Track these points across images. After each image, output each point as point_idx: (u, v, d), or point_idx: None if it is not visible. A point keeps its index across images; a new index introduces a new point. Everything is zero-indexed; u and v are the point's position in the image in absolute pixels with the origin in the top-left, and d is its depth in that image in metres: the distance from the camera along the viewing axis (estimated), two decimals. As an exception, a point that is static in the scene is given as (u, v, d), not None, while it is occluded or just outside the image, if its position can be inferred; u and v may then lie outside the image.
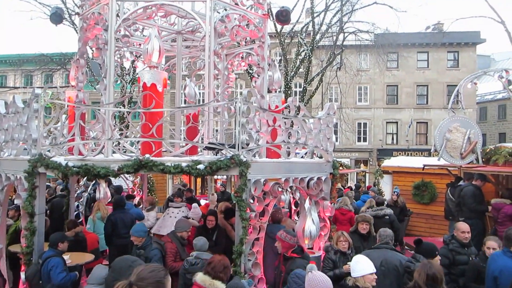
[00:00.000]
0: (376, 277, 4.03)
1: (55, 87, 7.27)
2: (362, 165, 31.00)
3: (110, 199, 8.72)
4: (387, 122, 31.50)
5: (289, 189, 7.36)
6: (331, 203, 6.32)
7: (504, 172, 7.57)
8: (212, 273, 3.69)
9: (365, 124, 31.44)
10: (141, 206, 8.97)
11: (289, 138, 5.75)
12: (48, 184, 11.22)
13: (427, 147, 29.81)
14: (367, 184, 24.94)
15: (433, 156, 26.19)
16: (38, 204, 5.16)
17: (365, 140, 31.47)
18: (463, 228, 5.41)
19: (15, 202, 7.06)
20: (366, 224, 6.27)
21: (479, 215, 7.45)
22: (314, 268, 3.64)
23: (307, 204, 5.77)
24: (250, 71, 16.55)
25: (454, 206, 8.38)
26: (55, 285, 4.92)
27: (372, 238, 6.20)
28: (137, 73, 18.23)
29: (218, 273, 3.69)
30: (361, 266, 4.05)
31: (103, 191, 8.48)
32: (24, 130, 5.46)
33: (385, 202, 9.14)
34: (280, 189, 5.45)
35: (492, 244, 4.89)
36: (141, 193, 9.21)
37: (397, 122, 31.34)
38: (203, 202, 9.94)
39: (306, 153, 6.25)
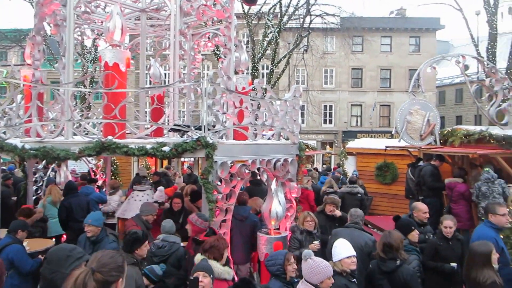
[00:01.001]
0: (355, 260, 3.93)
1: (9, 65, 6.85)
2: (328, 147, 31.64)
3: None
4: (351, 105, 32.19)
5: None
6: (297, 184, 6.39)
7: (459, 153, 7.94)
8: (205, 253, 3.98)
9: (330, 106, 31.98)
10: (104, 189, 8.74)
11: (256, 120, 5.74)
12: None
13: (389, 129, 30.76)
14: (332, 166, 25.55)
15: (395, 138, 27.13)
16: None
17: (330, 122, 32.06)
18: (423, 208, 5.59)
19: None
20: (334, 206, 6.39)
21: (437, 193, 7.81)
22: (311, 254, 3.52)
23: (273, 186, 5.81)
24: (217, 52, 16.31)
25: (414, 186, 8.73)
26: (23, 273, 4.78)
27: (338, 219, 6.38)
28: (98, 52, 17.53)
29: (205, 252, 3.97)
30: (338, 250, 3.98)
31: (64, 175, 8.18)
32: (-24, 111, 5.16)
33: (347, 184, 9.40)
34: (247, 171, 5.46)
35: (448, 223, 5.07)
36: (104, 176, 8.97)
37: (361, 105, 32.08)
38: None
39: (272, 135, 6.27)
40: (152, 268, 4.34)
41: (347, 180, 10.45)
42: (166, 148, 4.80)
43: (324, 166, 17.37)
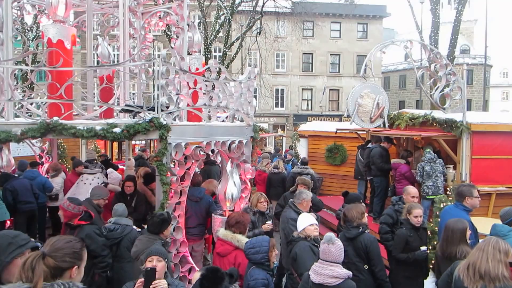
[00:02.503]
0: (317, 227, 4.42)
1: None
2: (279, 129, 32.12)
3: (14, 167, 7.94)
4: (302, 89, 32.77)
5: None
6: (252, 166, 6.45)
7: (405, 135, 8.37)
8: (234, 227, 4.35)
9: (282, 90, 32.35)
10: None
11: (210, 101, 5.68)
12: None
13: (338, 113, 31.76)
14: (284, 148, 25.98)
15: (344, 121, 28.00)
16: None
17: (282, 106, 32.49)
18: (413, 192, 5.50)
19: None
20: (305, 187, 6.48)
21: (384, 173, 8.20)
22: (333, 236, 3.49)
23: (228, 167, 5.83)
24: (168, 33, 15.84)
25: (362, 167, 9.12)
26: None
27: None
28: (41, 29, 16.35)
29: (238, 227, 4.35)
30: (301, 221, 4.46)
31: (6, 158, 7.66)
32: None
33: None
34: (202, 153, 5.42)
35: (418, 212, 4.83)
36: (51, 159, 8.50)
37: (312, 89, 32.75)
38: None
39: (227, 117, 6.25)
40: None
41: (299, 161, 10.81)
42: (117, 130, 4.62)
43: (275, 148, 17.70)
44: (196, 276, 3.35)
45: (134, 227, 4.91)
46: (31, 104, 5.87)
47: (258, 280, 3.64)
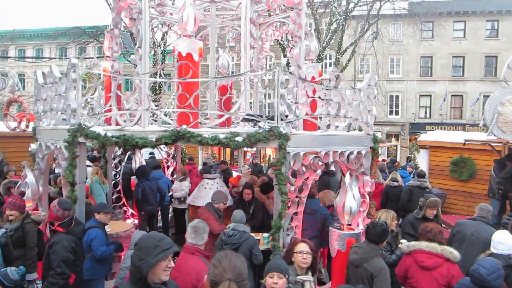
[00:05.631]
0: None
1: (92, 58, 7.19)
2: (393, 139, 30.27)
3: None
4: (420, 95, 30.41)
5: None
6: (371, 178, 6.09)
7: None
8: (436, 239, 4.26)
9: (397, 97, 30.43)
10: (174, 176, 9.02)
11: (329, 110, 5.52)
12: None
13: (461, 122, 28.73)
14: (398, 159, 24.41)
15: (468, 130, 25.17)
16: (78, 173, 5.20)
17: (397, 113, 30.54)
18: None
19: (55, 171, 7.18)
20: (435, 210, 6.10)
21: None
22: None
23: (347, 179, 5.58)
24: (281, 42, 16.11)
25: (495, 184, 8.02)
26: (96, 258, 4.99)
27: (436, 220, 6.12)
28: (168, 45, 18.07)
29: (440, 238, 4.28)
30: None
31: (139, 161, 8.55)
32: (63, 100, 5.44)
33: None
34: (320, 163, 5.27)
35: None
36: (175, 163, 9.25)
37: (430, 95, 30.19)
38: (234, 174, 9.92)
39: (345, 126, 6.02)
40: (5, 272, 4.04)
41: (415, 174, 9.98)
42: (239, 138, 4.75)
43: (391, 159, 16.67)
44: None
45: (252, 234, 4.97)
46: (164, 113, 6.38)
47: None
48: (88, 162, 7.96)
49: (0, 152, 9.95)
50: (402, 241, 5.24)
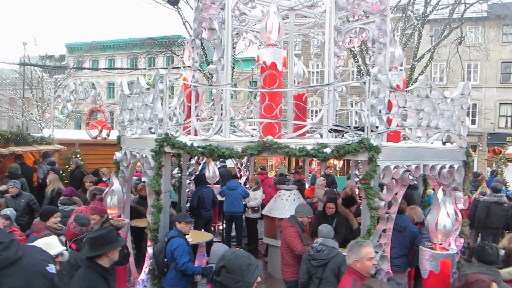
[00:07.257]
0: None
1: (179, 67, 7.44)
2: (470, 150, 28.20)
3: (218, 178, 8.92)
4: (500, 103, 28.08)
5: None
6: (464, 195, 5.61)
7: None
8: None
9: (474, 105, 28.32)
10: (247, 186, 9.04)
11: (420, 121, 5.18)
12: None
13: (547, 132, 26.13)
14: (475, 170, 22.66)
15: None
16: (164, 183, 5.29)
17: (474, 123, 28.39)
18: None
19: (142, 180, 7.46)
20: None
21: None
22: None
23: (440, 195, 5.18)
24: (352, 49, 15.66)
25: None
26: (178, 268, 4.92)
27: None
28: (238, 53, 18.28)
29: None
30: None
31: (212, 170, 8.67)
32: (150, 110, 5.58)
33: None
34: (411, 177, 4.94)
35: None
36: (247, 173, 9.28)
37: (512, 104, 27.81)
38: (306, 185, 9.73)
39: (436, 138, 5.61)
40: None
41: (491, 188, 9.19)
42: (327, 150, 4.59)
43: (474, 173, 15.49)
44: None
45: (340, 249, 4.76)
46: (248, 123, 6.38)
47: None
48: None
49: (78, 159, 10.45)
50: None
